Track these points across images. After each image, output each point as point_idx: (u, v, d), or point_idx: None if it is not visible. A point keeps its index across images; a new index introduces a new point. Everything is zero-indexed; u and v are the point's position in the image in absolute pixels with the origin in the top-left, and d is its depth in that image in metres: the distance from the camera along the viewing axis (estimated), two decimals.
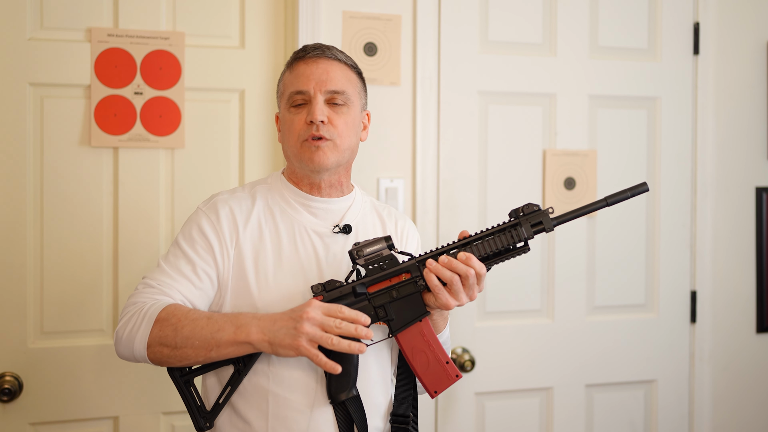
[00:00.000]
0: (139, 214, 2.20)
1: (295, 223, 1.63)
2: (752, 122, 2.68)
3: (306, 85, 1.60)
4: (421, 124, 2.39)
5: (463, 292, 1.51)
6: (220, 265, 1.57)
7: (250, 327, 1.44)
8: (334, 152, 1.60)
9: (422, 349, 1.55)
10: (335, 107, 1.61)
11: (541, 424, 2.53)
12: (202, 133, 2.25)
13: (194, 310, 1.50)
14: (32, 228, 2.13)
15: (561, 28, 2.52)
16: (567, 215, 1.56)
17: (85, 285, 2.17)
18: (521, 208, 1.54)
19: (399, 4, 2.37)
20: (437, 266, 1.50)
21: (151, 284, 1.55)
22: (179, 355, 1.47)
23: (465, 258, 1.50)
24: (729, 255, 2.67)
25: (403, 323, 1.54)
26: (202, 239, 1.58)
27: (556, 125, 2.52)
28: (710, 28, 2.64)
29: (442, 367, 1.56)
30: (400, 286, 1.54)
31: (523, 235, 1.53)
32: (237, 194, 1.66)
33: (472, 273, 1.49)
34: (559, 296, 2.53)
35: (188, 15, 2.24)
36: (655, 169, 2.62)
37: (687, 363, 2.66)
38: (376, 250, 1.54)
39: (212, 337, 1.45)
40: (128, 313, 1.52)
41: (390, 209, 1.78)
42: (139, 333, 1.48)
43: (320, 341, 1.42)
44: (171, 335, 1.46)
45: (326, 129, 1.59)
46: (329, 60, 1.63)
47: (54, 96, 2.14)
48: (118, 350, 1.53)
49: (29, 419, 2.12)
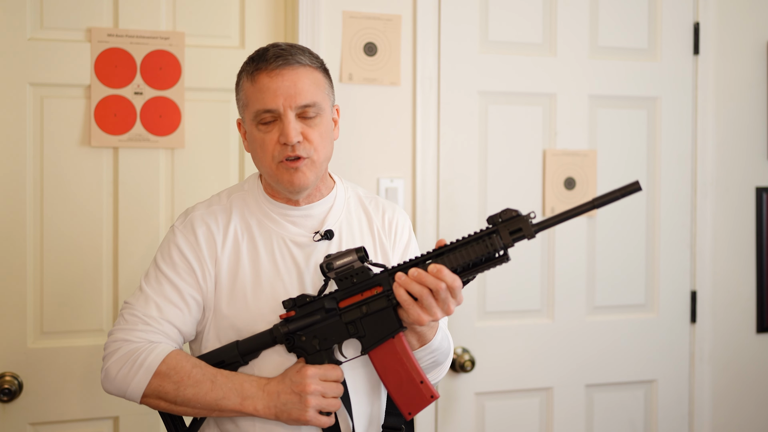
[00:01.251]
0: (139, 214, 2.20)
1: (274, 235, 1.56)
2: (752, 122, 2.68)
3: (273, 102, 1.48)
4: (421, 124, 2.39)
5: (436, 307, 1.40)
6: (203, 288, 1.53)
7: (256, 401, 1.45)
8: (313, 169, 1.51)
9: (395, 367, 1.46)
10: (308, 120, 1.50)
11: (541, 424, 2.53)
12: (202, 133, 2.25)
13: (195, 365, 1.47)
14: (32, 228, 2.13)
15: (561, 28, 2.52)
16: (549, 221, 1.40)
17: (85, 285, 2.17)
18: (499, 214, 1.40)
19: (399, 4, 2.37)
20: (406, 280, 1.40)
21: (141, 318, 1.49)
22: (177, 410, 1.48)
23: (435, 270, 1.38)
24: (729, 255, 2.67)
25: (374, 340, 1.46)
26: (183, 262, 1.53)
27: (556, 125, 2.52)
28: (710, 28, 2.64)
29: (415, 388, 1.46)
30: (371, 301, 1.46)
31: (500, 243, 1.39)
32: (213, 207, 1.59)
33: (443, 287, 1.38)
34: (559, 296, 2.53)
35: (188, 15, 2.24)
36: (655, 169, 2.62)
37: (687, 363, 2.66)
38: (346, 263, 1.45)
39: (216, 404, 1.45)
40: (119, 351, 1.47)
41: (377, 200, 1.68)
42: (136, 380, 1.45)
43: (327, 409, 1.46)
44: (172, 393, 1.45)
45: (302, 147, 1.49)
46: (294, 68, 1.49)
47: (54, 96, 2.14)
48: (107, 387, 1.49)
49: (29, 419, 2.12)
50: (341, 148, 2.31)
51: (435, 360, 1.55)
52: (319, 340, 1.48)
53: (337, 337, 1.48)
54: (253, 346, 1.50)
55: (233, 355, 1.50)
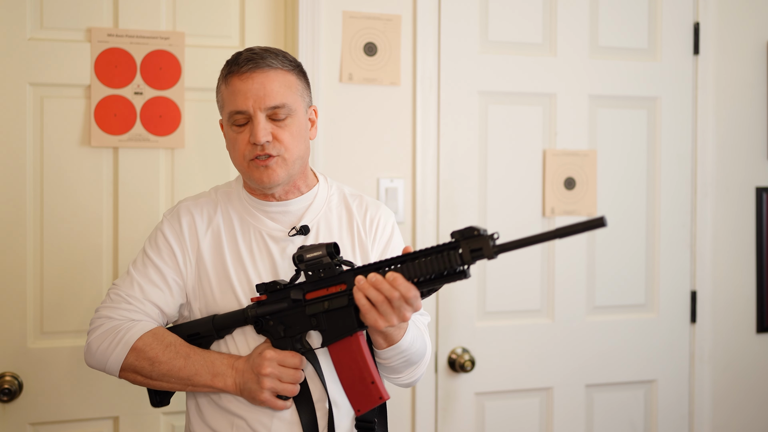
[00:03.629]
0: (139, 214, 2.20)
1: (252, 229, 1.63)
2: (752, 122, 2.68)
3: (244, 104, 1.55)
4: (421, 124, 2.39)
5: (391, 314, 1.43)
6: (183, 273, 1.62)
7: (226, 378, 1.54)
8: (283, 167, 1.58)
9: (349, 365, 1.51)
10: (278, 122, 1.57)
11: (541, 424, 2.53)
12: (202, 133, 2.25)
13: (170, 343, 1.56)
14: (32, 228, 2.13)
15: (561, 27, 2.52)
16: (511, 244, 1.36)
17: (84, 285, 2.17)
18: (462, 230, 1.38)
19: (399, 4, 2.36)
20: (364, 285, 1.43)
21: (124, 297, 1.59)
22: (153, 384, 1.57)
23: (391, 279, 1.41)
24: (729, 255, 2.67)
25: (333, 336, 1.51)
26: (166, 248, 1.63)
27: (556, 125, 2.52)
28: (710, 28, 2.64)
29: (366, 387, 1.51)
30: (333, 298, 1.50)
31: (458, 261, 1.38)
32: (200, 200, 1.68)
33: (397, 295, 1.41)
34: (559, 296, 2.53)
35: (188, 15, 2.24)
36: (655, 169, 2.62)
37: (687, 363, 2.65)
38: (315, 257, 1.50)
39: (189, 379, 1.54)
40: (101, 327, 1.58)
41: (362, 199, 1.72)
42: (114, 355, 1.55)
43: (283, 393, 1.52)
44: (147, 368, 1.54)
45: (272, 146, 1.56)
46: (264, 71, 1.56)
47: (54, 96, 2.14)
48: (89, 361, 1.59)
49: (29, 419, 2.12)
50: (341, 148, 2.31)
51: (407, 360, 1.58)
52: (284, 326, 1.54)
53: (301, 327, 1.53)
54: (227, 323, 1.58)
55: (208, 329, 1.58)
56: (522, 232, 2.48)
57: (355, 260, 1.65)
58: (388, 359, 1.56)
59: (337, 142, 2.30)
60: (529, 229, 2.49)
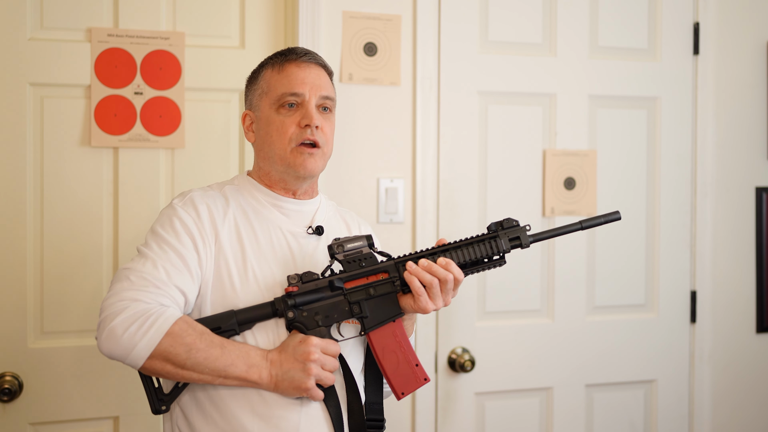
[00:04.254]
0: (139, 214, 2.20)
1: (269, 222, 1.63)
2: (752, 122, 2.68)
3: (301, 87, 1.61)
4: (421, 124, 2.39)
5: (440, 297, 1.54)
6: (203, 261, 1.53)
7: (261, 369, 1.48)
8: (322, 160, 1.63)
9: (393, 349, 1.56)
10: (324, 113, 1.64)
11: (541, 424, 2.53)
12: (202, 133, 2.25)
13: (203, 330, 1.46)
14: (32, 228, 2.13)
15: (561, 28, 2.52)
16: (543, 234, 1.64)
17: (85, 285, 2.17)
18: (501, 221, 1.61)
19: (399, 4, 2.37)
20: (418, 269, 1.53)
21: (151, 281, 1.46)
22: (180, 375, 1.45)
23: (445, 263, 1.54)
24: (729, 255, 2.67)
25: (376, 322, 1.56)
26: (185, 232, 1.53)
27: (556, 125, 2.52)
28: (710, 28, 2.64)
29: (411, 369, 1.56)
30: (378, 285, 1.56)
31: (502, 247, 1.59)
32: (210, 192, 1.64)
33: (451, 278, 1.53)
34: (559, 296, 2.53)
35: (188, 15, 2.24)
36: (655, 169, 2.62)
37: (687, 363, 2.66)
38: (356, 247, 1.56)
39: (224, 369, 1.45)
40: (127, 309, 1.41)
41: (352, 214, 1.81)
42: (145, 339, 1.40)
43: (324, 382, 1.50)
44: (183, 355, 1.42)
45: (319, 135, 1.61)
46: (318, 66, 1.66)
47: (54, 96, 2.14)
48: (109, 347, 1.42)
49: (29, 419, 2.12)
50: (341, 148, 2.31)
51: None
52: (321, 316, 1.53)
53: (339, 316, 1.55)
54: (251, 317, 1.51)
55: (231, 323, 1.49)
56: None
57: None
58: None
59: (338, 142, 2.30)
60: None
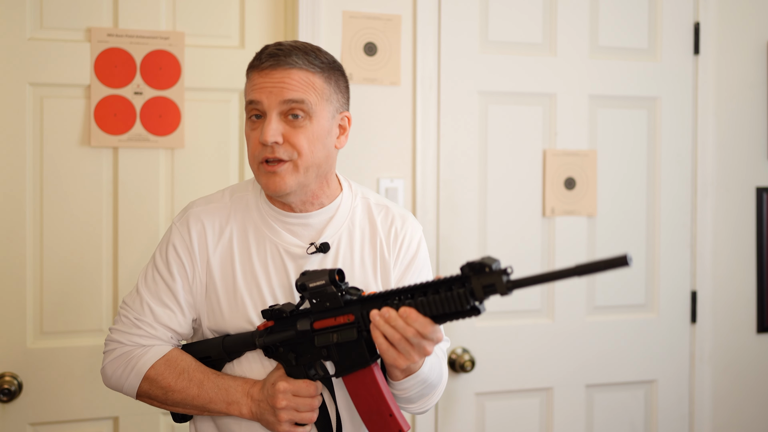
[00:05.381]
0: (139, 214, 2.20)
1: (269, 243, 1.52)
2: (752, 122, 2.68)
3: (259, 95, 1.45)
4: (421, 124, 2.39)
5: (411, 351, 1.33)
6: (193, 288, 1.54)
7: (241, 406, 1.49)
8: (294, 175, 1.45)
9: (365, 396, 1.43)
10: (293, 121, 1.45)
11: (541, 424, 2.53)
12: (202, 133, 2.25)
13: (182, 370, 1.50)
14: (32, 228, 2.13)
15: (561, 27, 2.52)
16: (526, 280, 1.25)
17: (84, 285, 2.17)
18: (474, 264, 1.27)
19: (399, 4, 2.36)
20: (379, 322, 1.33)
21: (133, 321, 1.52)
22: (170, 408, 1.55)
23: (405, 315, 1.31)
24: (729, 255, 2.67)
25: (345, 368, 1.43)
26: (176, 262, 1.54)
27: (556, 125, 2.52)
28: (710, 28, 2.64)
29: (383, 420, 1.43)
30: (342, 330, 1.41)
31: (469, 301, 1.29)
32: (212, 206, 1.57)
33: (412, 332, 1.31)
34: (559, 296, 2.53)
35: (188, 15, 2.24)
36: (655, 169, 2.62)
37: (687, 363, 2.65)
38: (318, 287, 1.40)
39: (204, 407, 1.50)
40: (114, 352, 1.54)
41: (388, 210, 1.60)
42: (127, 383, 1.52)
43: (301, 422, 1.46)
44: (161, 396, 1.51)
45: (282, 150, 1.44)
46: (285, 69, 1.45)
47: (54, 96, 2.14)
48: (106, 384, 1.57)
49: (29, 419, 2.12)
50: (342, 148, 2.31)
51: (423, 390, 1.50)
52: (295, 354, 1.46)
53: (312, 356, 1.45)
54: (238, 346, 1.51)
55: (218, 352, 1.52)
56: (522, 232, 2.49)
57: (375, 280, 1.55)
58: (404, 390, 1.47)
59: None
60: (529, 229, 2.49)
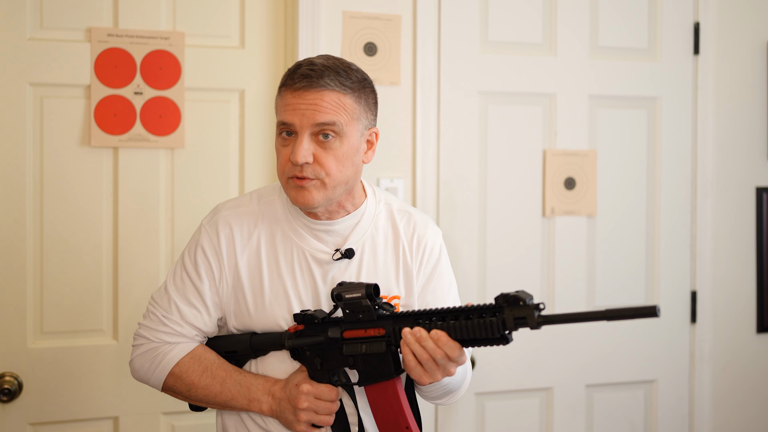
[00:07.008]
0: (139, 214, 2.20)
1: (296, 249, 1.57)
2: (752, 122, 2.68)
3: (291, 117, 1.49)
4: (421, 124, 2.39)
5: (436, 371, 1.41)
6: (220, 291, 1.59)
7: (261, 404, 1.55)
8: (321, 191, 1.50)
9: (384, 407, 1.50)
10: (324, 142, 1.48)
11: (541, 424, 2.53)
12: (202, 133, 2.25)
13: (206, 368, 1.57)
14: (32, 228, 2.13)
15: (561, 28, 2.52)
16: (557, 317, 1.33)
17: (85, 285, 2.17)
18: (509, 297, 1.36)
19: (399, 4, 2.36)
20: (410, 340, 1.40)
21: (161, 319, 1.58)
22: (193, 402, 1.62)
23: (436, 338, 1.39)
24: (729, 255, 2.67)
25: (370, 378, 1.49)
26: (204, 263, 1.59)
27: (556, 125, 2.52)
28: (710, 28, 2.64)
29: (400, 430, 1.50)
30: (371, 342, 1.47)
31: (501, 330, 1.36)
32: (241, 209, 1.61)
33: (441, 354, 1.39)
34: (559, 296, 2.53)
35: (188, 15, 2.24)
36: (655, 169, 2.62)
37: (687, 363, 2.65)
38: (354, 299, 1.46)
39: (226, 403, 1.58)
40: (141, 347, 1.60)
41: (410, 216, 1.64)
42: (153, 377, 1.59)
43: (319, 424, 1.52)
44: (185, 392, 1.58)
45: (311, 169, 1.48)
46: (318, 91, 1.47)
47: (54, 96, 2.14)
48: (134, 376, 1.64)
49: (29, 419, 2.12)
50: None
51: (447, 390, 1.59)
52: (321, 360, 1.51)
53: (337, 363, 1.51)
54: (265, 345, 1.57)
55: (245, 348, 1.58)
56: (522, 232, 2.49)
57: (397, 285, 1.59)
58: (429, 391, 1.58)
59: None
60: (529, 229, 2.50)
